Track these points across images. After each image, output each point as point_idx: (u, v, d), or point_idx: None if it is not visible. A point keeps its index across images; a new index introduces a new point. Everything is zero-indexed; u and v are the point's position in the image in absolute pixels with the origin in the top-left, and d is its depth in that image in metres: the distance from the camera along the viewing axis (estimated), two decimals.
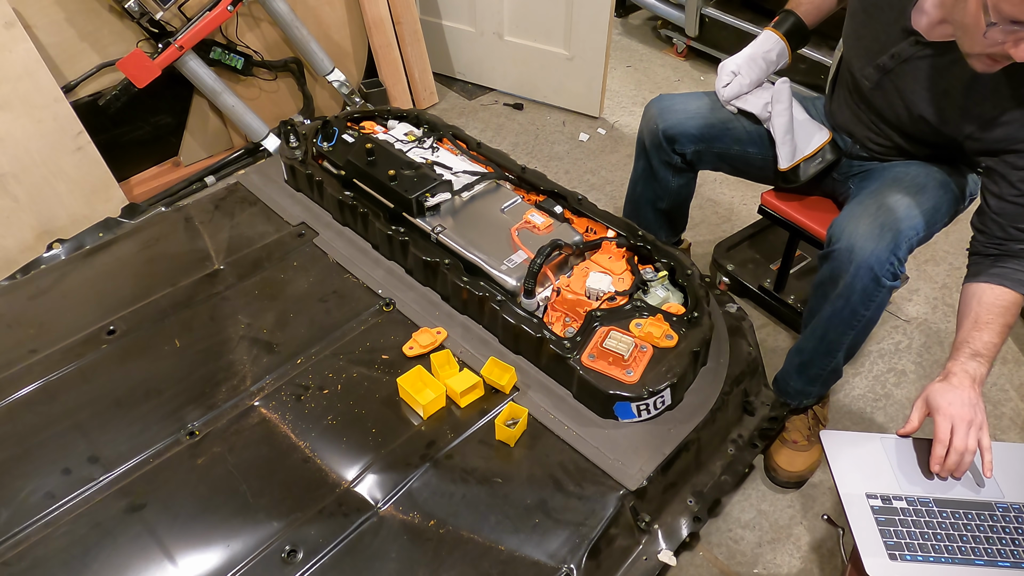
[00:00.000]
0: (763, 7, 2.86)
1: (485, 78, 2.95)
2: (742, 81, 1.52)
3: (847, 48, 1.45)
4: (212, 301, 1.50)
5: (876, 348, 1.91)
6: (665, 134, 1.60)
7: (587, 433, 1.27)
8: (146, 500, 1.16)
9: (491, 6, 2.71)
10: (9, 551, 1.10)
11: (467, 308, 1.46)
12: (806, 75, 2.68)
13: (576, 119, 2.81)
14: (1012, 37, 1.02)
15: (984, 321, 1.18)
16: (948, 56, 1.23)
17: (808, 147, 1.52)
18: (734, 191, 2.43)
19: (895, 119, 1.40)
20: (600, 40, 2.57)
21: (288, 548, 1.10)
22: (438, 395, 1.29)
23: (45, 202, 2.00)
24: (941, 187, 1.38)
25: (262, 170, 1.86)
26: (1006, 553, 1.05)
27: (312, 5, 2.43)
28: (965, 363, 1.16)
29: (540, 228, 1.51)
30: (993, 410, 1.76)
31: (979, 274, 1.24)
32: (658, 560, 1.22)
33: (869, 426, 1.73)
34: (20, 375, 1.35)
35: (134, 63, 2.03)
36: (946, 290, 2.08)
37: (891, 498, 1.11)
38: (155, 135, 2.34)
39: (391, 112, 1.91)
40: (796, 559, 1.48)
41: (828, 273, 1.35)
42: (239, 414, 1.28)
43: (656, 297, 1.44)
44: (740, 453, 1.40)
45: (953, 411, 1.11)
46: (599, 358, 1.28)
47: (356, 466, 1.21)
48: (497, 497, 1.18)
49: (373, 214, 1.58)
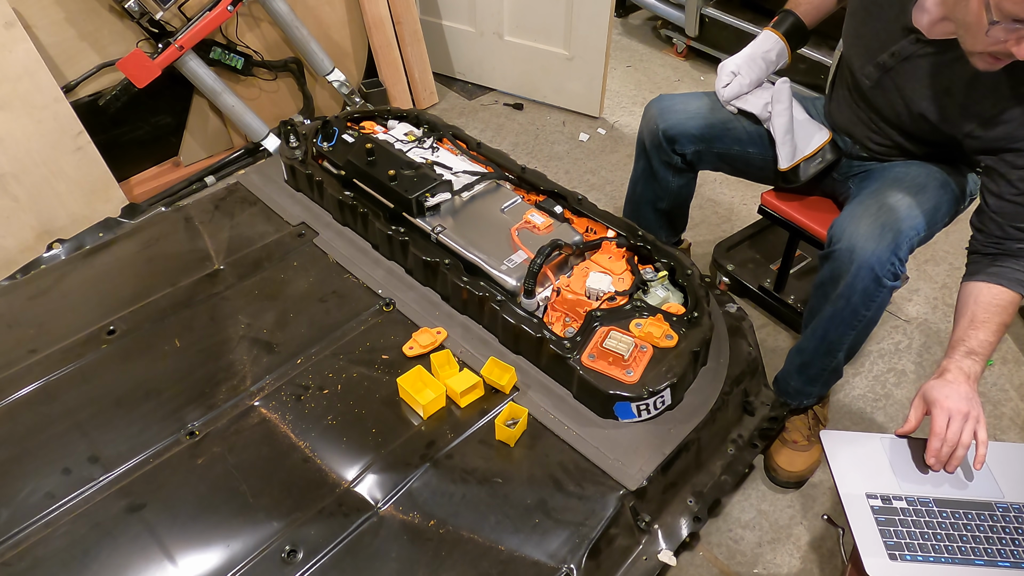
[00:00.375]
0: (763, 7, 2.86)
1: (485, 78, 2.95)
2: (742, 81, 1.52)
3: (847, 47, 1.45)
4: (212, 301, 1.50)
5: (876, 348, 1.91)
6: (665, 134, 1.60)
7: (587, 433, 1.27)
8: (146, 500, 1.16)
9: (491, 6, 2.71)
10: (9, 551, 1.10)
11: (467, 308, 1.46)
12: (806, 75, 2.68)
13: (576, 119, 2.81)
14: (1014, 35, 1.02)
15: (980, 320, 1.19)
16: (949, 54, 1.23)
17: (808, 147, 1.52)
18: (734, 191, 2.43)
19: (895, 118, 1.40)
20: (600, 40, 2.57)
21: (288, 548, 1.10)
22: (438, 395, 1.29)
23: (45, 202, 2.00)
24: (941, 187, 1.38)
25: (262, 170, 1.86)
26: (1006, 553, 1.05)
27: (312, 5, 2.43)
28: (960, 361, 1.16)
29: (540, 228, 1.51)
30: (993, 410, 1.76)
31: (977, 273, 1.24)
32: (658, 560, 1.22)
33: (869, 426, 1.73)
34: (20, 375, 1.35)
35: (134, 63, 2.03)
36: (946, 290, 2.08)
37: (891, 498, 1.11)
38: (155, 135, 2.34)
39: (391, 112, 1.91)
40: (796, 559, 1.48)
41: (829, 273, 1.35)
42: (239, 414, 1.28)
43: (656, 297, 1.44)
44: (740, 453, 1.40)
45: (950, 404, 1.11)
46: (599, 358, 1.28)
47: (356, 466, 1.21)
48: (497, 497, 1.18)
49: (373, 214, 1.58)
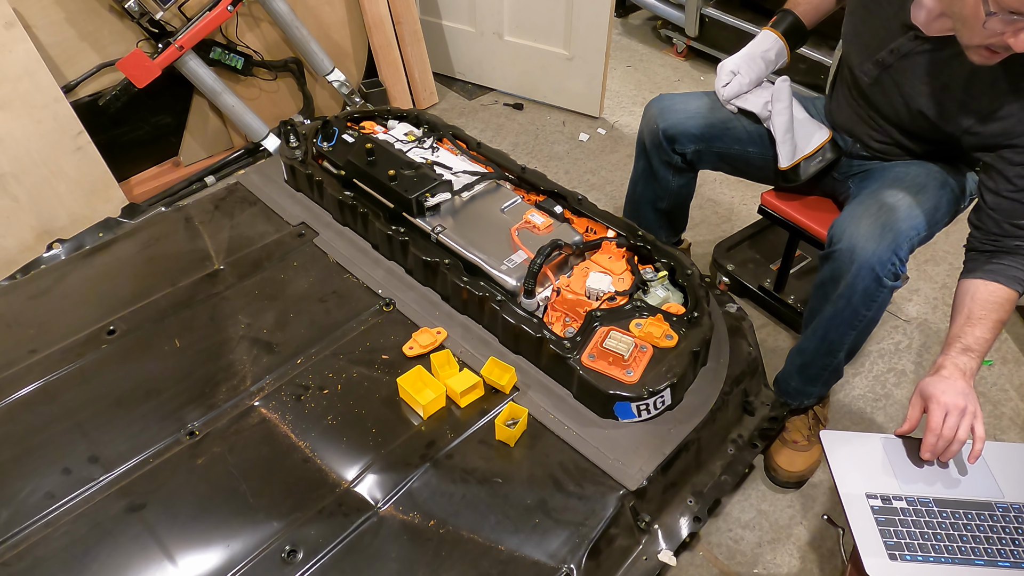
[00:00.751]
0: (763, 7, 2.86)
1: (485, 78, 2.95)
2: (741, 80, 1.52)
3: (846, 45, 1.45)
4: (212, 301, 1.50)
5: (876, 348, 1.91)
6: (665, 134, 1.60)
7: (587, 433, 1.27)
8: (146, 500, 1.16)
9: (491, 6, 2.71)
10: (9, 551, 1.10)
11: (467, 308, 1.46)
12: (806, 75, 2.68)
13: (576, 119, 2.81)
14: (1011, 27, 1.03)
15: (977, 317, 1.19)
16: (947, 51, 1.23)
17: (808, 146, 1.52)
18: (734, 191, 2.43)
19: (894, 115, 1.40)
20: (600, 40, 2.57)
21: (288, 548, 1.10)
22: (438, 395, 1.29)
23: (45, 202, 2.00)
24: (941, 187, 1.38)
25: (262, 170, 1.86)
26: (1006, 553, 1.05)
27: (312, 5, 2.43)
28: (956, 358, 1.17)
29: (540, 228, 1.51)
30: (993, 410, 1.76)
31: (974, 270, 1.24)
32: (658, 560, 1.22)
33: (869, 426, 1.73)
34: (20, 375, 1.35)
35: (134, 63, 2.03)
36: (946, 290, 2.08)
37: (891, 498, 1.11)
38: (155, 135, 2.34)
39: (391, 112, 1.91)
40: (796, 559, 1.48)
41: (829, 273, 1.35)
42: (239, 414, 1.28)
43: (656, 297, 1.44)
44: (740, 453, 1.40)
45: (946, 400, 1.12)
46: (599, 358, 1.28)
47: (356, 466, 1.21)
48: (497, 497, 1.18)
49: (373, 214, 1.58)
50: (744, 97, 1.54)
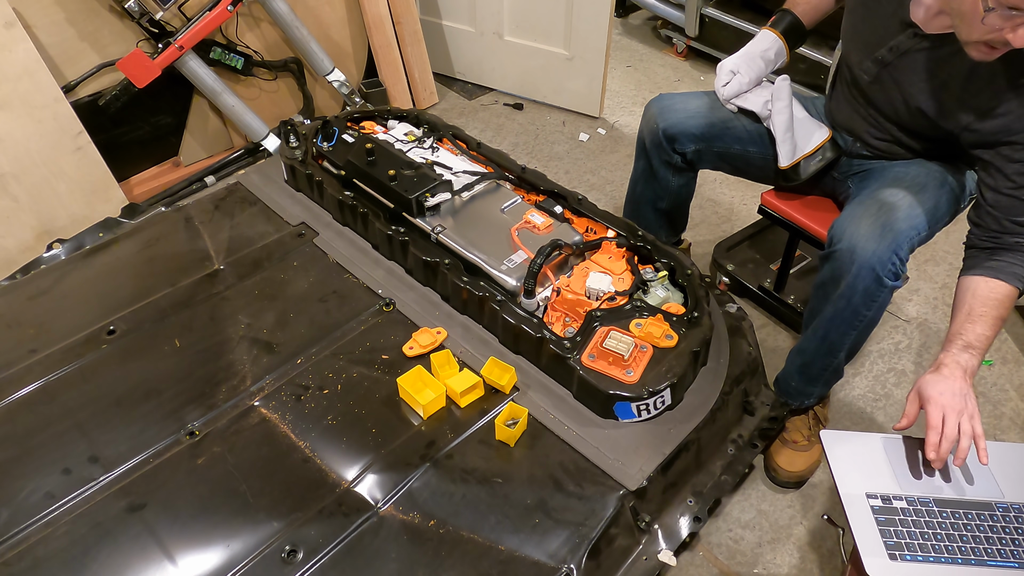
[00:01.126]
0: (763, 7, 2.86)
1: (485, 78, 2.95)
2: (741, 80, 1.52)
3: (845, 43, 1.45)
4: (212, 301, 1.50)
5: (876, 348, 1.91)
6: (665, 133, 1.60)
7: (587, 433, 1.27)
8: (146, 500, 1.16)
9: (491, 6, 2.71)
10: (9, 551, 1.10)
11: (467, 308, 1.46)
12: (806, 75, 2.68)
13: (576, 119, 2.81)
14: (1010, 23, 1.03)
15: (977, 314, 1.19)
16: (946, 48, 1.23)
17: (808, 145, 1.52)
18: (734, 191, 2.43)
19: (893, 113, 1.40)
20: (600, 40, 2.57)
21: (288, 548, 1.10)
22: (438, 395, 1.29)
23: (45, 202, 2.00)
24: (941, 186, 1.38)
25: (262, 170, 1.86)
26: (1006, 553, 1.05)
27: (312, 5, 2.43)
28: (957, 355, 1.17)
29: (540, 228, 1.51)
30: (993, 410, 1.76)
31: (974, 267, 1.24)
32: (658, 560, 1.22)
33: (869, 426, 1.73)
34: (20, 375, 1.35)
35: (134, 63, 2.03)
36: (946, 290, 2.08)
37: (891, 498, 1.11)
38: (155, 135, 2.34)
39: (391, 112, 1.91)
40: (796, 559, 1.48)
41: (829, 274, 1.35)
42: (239, 414, 1.28)
43: (656, 297, 1.44)
44: (740, 453, 1.40)
45: (944, 400, 1.12)
46: (599, 358, 1.28)
47: (356, 466, 1.21)
48: (497, 497, 1.18)
49: (373, 214, 1.58)
50: (744, 96, 1.54)
